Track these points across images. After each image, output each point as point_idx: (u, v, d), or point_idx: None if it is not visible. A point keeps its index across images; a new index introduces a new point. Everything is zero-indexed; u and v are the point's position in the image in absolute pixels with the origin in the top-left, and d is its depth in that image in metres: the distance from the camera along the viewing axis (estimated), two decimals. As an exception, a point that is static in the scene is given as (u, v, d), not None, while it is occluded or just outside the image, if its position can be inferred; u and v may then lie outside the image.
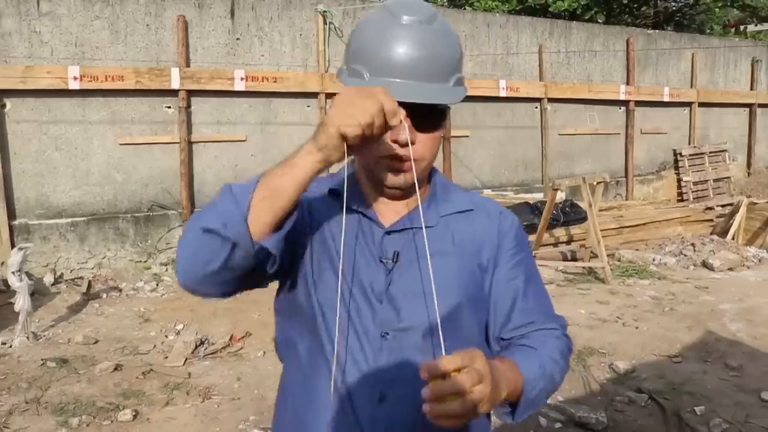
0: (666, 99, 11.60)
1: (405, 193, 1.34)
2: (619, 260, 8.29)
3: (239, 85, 7.84)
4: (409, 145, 1.22)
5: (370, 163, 1.30)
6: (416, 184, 1.24)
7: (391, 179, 1.29)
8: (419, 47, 1.24)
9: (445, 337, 1.16)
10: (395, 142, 1.23)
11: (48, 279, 6.84)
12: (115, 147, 7.37)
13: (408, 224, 1.34)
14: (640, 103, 11.35)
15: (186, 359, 5.04)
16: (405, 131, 1.21)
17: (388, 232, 1.33)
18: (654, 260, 8.25)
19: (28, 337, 5.42)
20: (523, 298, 1.37)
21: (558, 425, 3.80)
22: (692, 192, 11.83)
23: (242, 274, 1.17)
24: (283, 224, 1.16)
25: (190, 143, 7.71)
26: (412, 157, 1.23)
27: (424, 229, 1.24)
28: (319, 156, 1.11)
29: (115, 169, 7.41)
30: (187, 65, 7.60)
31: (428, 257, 1.21)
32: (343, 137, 1.08)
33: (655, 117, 11.74)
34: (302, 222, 1.31)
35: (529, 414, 1.27)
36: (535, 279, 1.42)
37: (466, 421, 1.01)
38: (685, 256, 8.54)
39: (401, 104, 1.15)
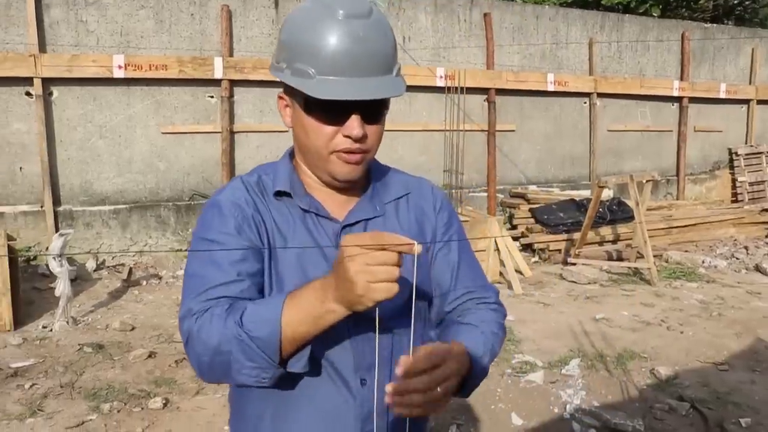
0: (722, 96, 11.18)
1: (351, 184, 1.37)
2: (666, 261, 8.03)
3: (282, 76, 7.80)
4: (362, 139, 1.27)
5: (322, 158, 1.31)
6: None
7: (344, 172, 1.32)
8: (363, 42, 1.23)
9: (405, 320, 1.26)
10: (348, 137, 1.26)
11: (90, 265, 6.95)
12: (158, 136, 7.44)
13: (359, 216, 1.38)
14: (694, 100, 10.97)
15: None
16: (358, 127, 1.25)
17: (344, 226, 1.36)
18: (703, 262, 7.96)
19: (68, 322, 5.50)
20: (457, 269, 1.45)
21: (592, 431, 3.66)
22: (748, 193, 11.39)
23: None
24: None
25: (232, 133, 7.73)
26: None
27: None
28: (347, 312, 1.12)
29: (158, 157, 7.48)
30: (231, 55, 7.61)
31: (417, 260, 1.17)
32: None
33: (710, 114, 11.34)
34: (257, 238, 1.32)
35: (477, 387, 1.35)
36: (466, 250, 1.50)
37: (425, 414, 1.09)
38: (737, 259, 8.23)
39: (352, 101, 1.22)
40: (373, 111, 1.28)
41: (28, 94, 6.85)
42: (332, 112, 1.24)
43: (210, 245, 1.28)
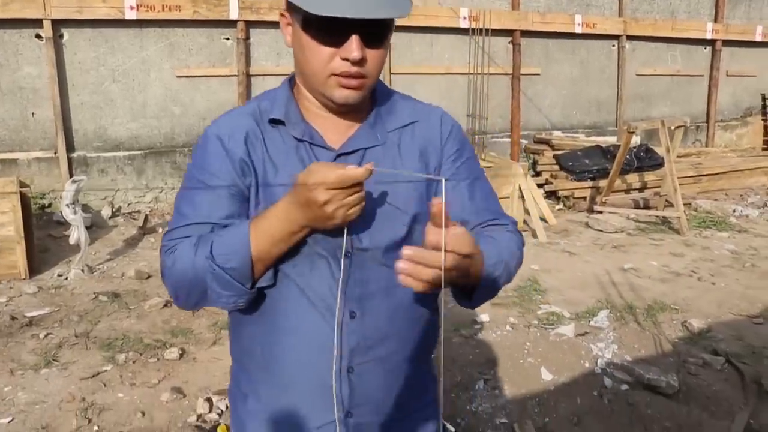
0: (758, 39, 10.73)
1: (351, 109, 1.30)
2: (695, 210, 7.78)
3: (299, 17, 7.52)
4: (361, 62, 1.19)
5: (319, 81, 1.24)
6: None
7: (342, 96, 1.24)
8: None
9: (400, 245, 1.21)
10: (346, 59, 1.18)
11: (106, 212, 6.85)
12: (173, 79, 7.23)
13: (357, 145, 1.31)
14: (727, 43, 10.54)
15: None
16: (357, 49, 1.17)
17: (339, 155, 1.30)
18: (734, 212, 7.70)
19: (83, 270, 5.41)
20: (470, 199, 1.37)
21: (624, 387, 3.50)
22: (780, 140, 11.03)
23: None
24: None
25: (248, 76, 7.50)
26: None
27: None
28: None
29: (173, 101, 7.29)
30: (246, -5, 7.34)
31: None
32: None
33: (743, 58, 10.90)
34: (239, 174, 1.28)
35: (485, 301, 1.29)
36: (481, 180, 1.42)
37: (423, 289, 1.05)
38: (770, 208, 7.97)
39: (351, 20, 1.13)
40: (375, 33, 1.19)
41: (38, 36, 6.66)
42: (331, 31, 1.17)
43: (192, 181, 1.29)
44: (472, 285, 1.21)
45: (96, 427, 3.21)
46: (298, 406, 1.33)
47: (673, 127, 7.17)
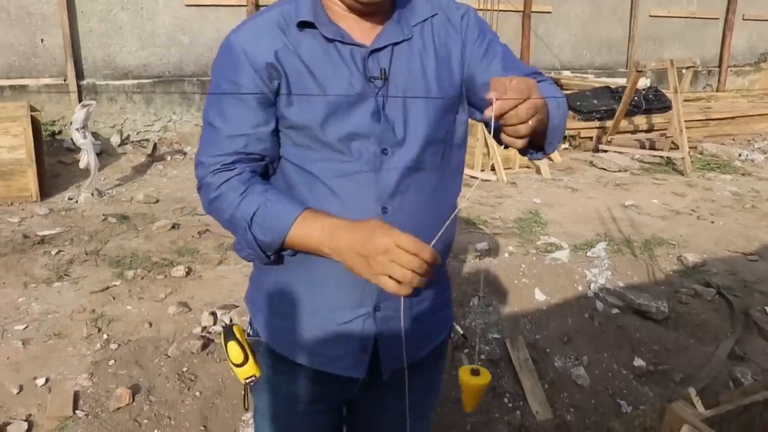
0: (776, -20, 10.53)
1: (376, 9, 1.31)
2: (701, 153, 7.79)
3: (309, -53, 7.42)
4: None
5: None
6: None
7: None
8: None
9: (435, 140, 1.32)
10: None
11: (115, 140, 6.92)
12: (181, 8, 7.20)
13: (386, 41, 1.31)
14: (746, -16, 10.36)
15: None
16: None
17: (371, 52, 1.30)
18: (740, 156, 7.70)
19: (93, 194, 5.51)
20: (505, 69, 1.35)
21: (615, 311, 3.61)
22: (793, 86, 10.92)
23: None
24: None
25: (257, 6, 7.45)
26: None
27: None
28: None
29: (181, 31, 7.27)
30: None
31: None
32: None
33: (761, 1, 10.69)
34: (268, 83, 1.28)
35: (558, 143, 1.32)
36: (507, 52, 1.41)
37: (517, 143, 1.09)
38: (776, 153, 7.96)
39: None
40: None
41: (46, -40, 6.62)
42: None
43: (219, 90, 1.30)
44: (544, 130, 1.24)
45: (105, 336, 3.33)
46: (330, 300, 1.36)
47: (684, 68, 7.13)
